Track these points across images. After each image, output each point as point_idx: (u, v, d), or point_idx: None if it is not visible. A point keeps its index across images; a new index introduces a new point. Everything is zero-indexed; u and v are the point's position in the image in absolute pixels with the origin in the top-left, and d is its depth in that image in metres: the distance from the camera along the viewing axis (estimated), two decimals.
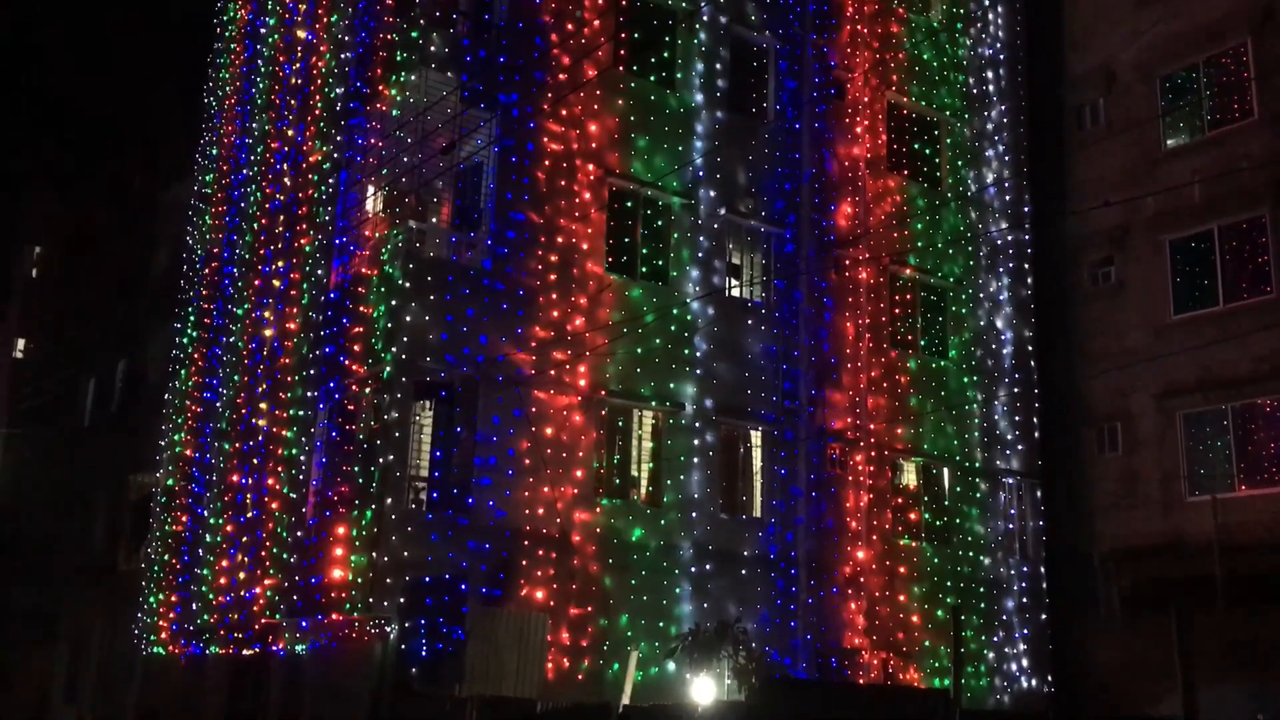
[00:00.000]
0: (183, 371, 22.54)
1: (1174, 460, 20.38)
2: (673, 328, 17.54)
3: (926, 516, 19.89)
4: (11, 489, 35.24)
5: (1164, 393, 20.61)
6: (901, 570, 19.03)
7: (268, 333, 18.90)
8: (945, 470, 20.26)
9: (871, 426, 19.09)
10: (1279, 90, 19.74)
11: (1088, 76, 22.74)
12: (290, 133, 19.54)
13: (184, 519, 20.95)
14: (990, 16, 22.77)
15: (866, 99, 20.28)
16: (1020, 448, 21.18)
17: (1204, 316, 20.34)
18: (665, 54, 18.58)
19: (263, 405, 18.50)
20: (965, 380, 20.80)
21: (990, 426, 20.90)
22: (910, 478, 20.03)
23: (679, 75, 18.59)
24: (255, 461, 18.31)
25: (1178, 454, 20.35)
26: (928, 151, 21.51)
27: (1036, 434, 21.47)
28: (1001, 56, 22.81)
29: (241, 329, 20.15)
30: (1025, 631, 20.38)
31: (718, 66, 18.96)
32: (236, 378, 19.96)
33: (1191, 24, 20.93)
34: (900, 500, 19.70)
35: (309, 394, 17.20)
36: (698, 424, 17.61)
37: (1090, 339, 21.99)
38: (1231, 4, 20.52)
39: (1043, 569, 20.96)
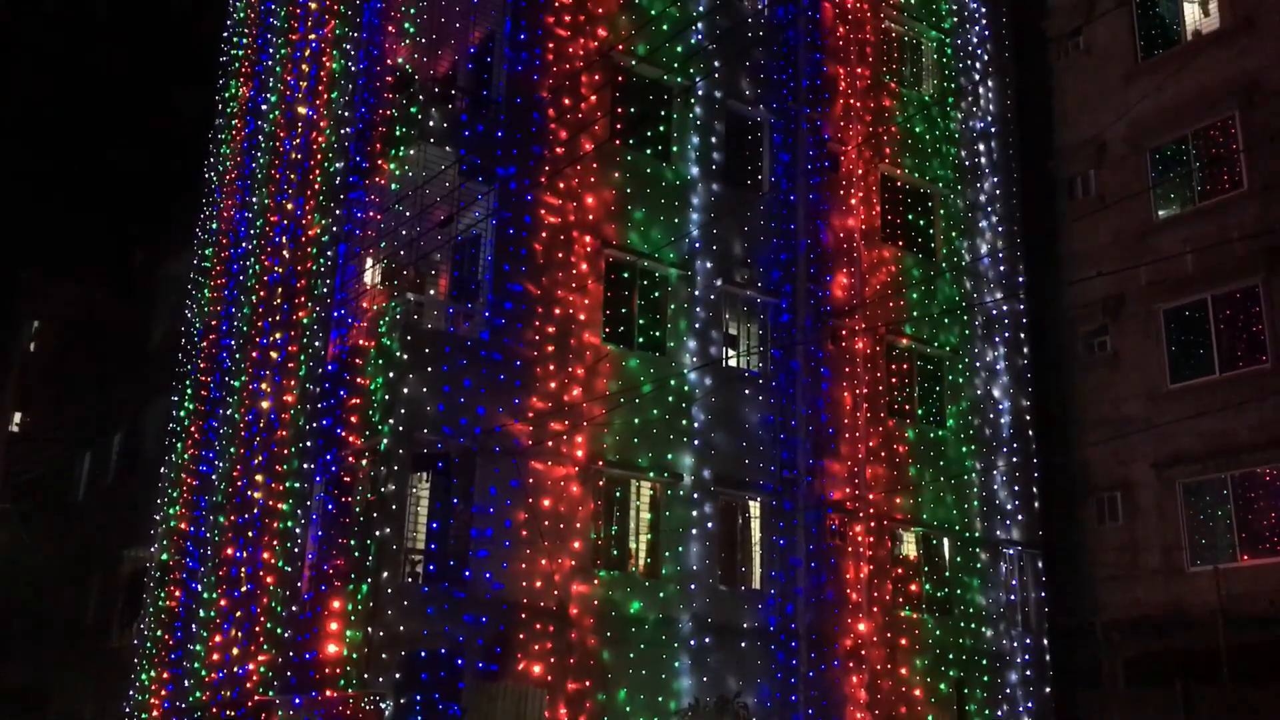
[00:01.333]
0: (179, 445, 22.48)
1: (1175, 530, 20.27)
2: (670, 398, 17.54)
3: (927, 588, 19.71)
4: (4, 564, 34.93)
5: (1163, 462, 20.56)
6: (903, 643, 18.81)
7: (265, 405, 18.88)
8: (945, 541, 20.13)
9: (870, 496, 19.00)
10: (1268, 161, 19.98)
11: (1079, 149, 23.04)
12: (290, 206, 19.71)
13: (177, 594, 20.73)
14: (981, 91, 23.13)
15: (860, 171, 20.51)
16: (1020, 517, 21.07)
17: (1201, 385, 20.37)
18: (661, 128, 18.82)
19: (259, 478, 18.41)
20: (964, 450, 20.76)
21: (990, 496, 20.81)
22: (910, 548, 19.88)
23: (675, 148, 18.82)
24: (250, 535, 18.18)
25: (1178, 523, 20.25)
26: (922, 222, 21.71)
27: (1036, 504, 21.38)
28: (993, 129, 23.12)
29: (238, 401, 20.13)
30: (1030, 705, 20.08)
31: (713, 140, 19.20)
32: (233, 450, 19.89)
33: (1179, 98, 21.25)
34: (900, 571, 19.55)
35: (305, 466, 17.13)
36: (696, 494, 17.52)
37: (1088, 408, 22.00)
38: (1218, 78, 20.85)
39: (1046, 640, 20.73)
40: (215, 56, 25.87)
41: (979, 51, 23.41)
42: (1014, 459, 21.31)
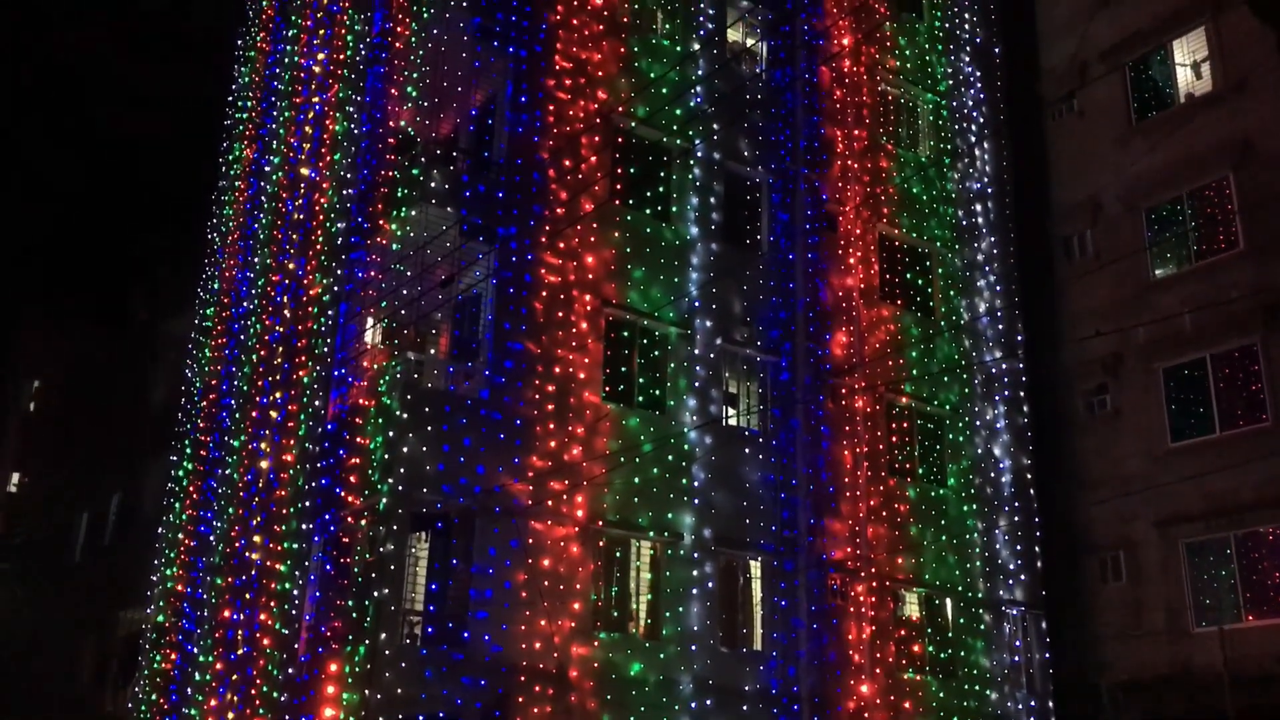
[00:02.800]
0: (177, 505, 22.40)
1: (1178, 589, 20.12)
2: (670, 457, 17.50)
3: (930, 649, 19.53)
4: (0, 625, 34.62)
5: (1165, 521, 20.47)
6: (906, 705, 18.59)
7: (264, 465, 18.84)
8: (948, 601, 19.98)
9: (872, 556, 18.89)
10: (1263, 221, 20.12)
11: (1074, 209, 23.22)
12: (291, 266, 19.83)
13: (173, 657, 20.53)
14: (977, 152, 23.37)
15: (858, 231, 20.66)
16: (1023, 577, 20.92)
17: (1201, 444, 20.34)
18: (661, 188, 18.98)
19: (256, 539, 18.32)
20: (965, 509, 20.68)
21: (992, 556, 20.68)
22: (913, 609, 19.73)
23: (674, 208, 18.96)
24: (248, 596, 18.04)
25: (1182, 583, 20.11)
26: (920, 281, 21.82)
27: (1039, 563, 21.24)
28: (990, 190, 23.33)
29: (238, 461, 20.09)
30: None
31: (712, 200, 19.36)
32: (231, 511, 19.82)
33: (1174, 159, 21.45)
34: (903, 632, 19.37)
35: (304, 526, 17.05)
36: (696, 554, 17.42)
37: (1089, 467, 21.95)
38: (1212, 139, 21.07)
39: (1050, 702, 20.47)
40: (220, 119, 26.18)
41: (974, 114, 23.69)
42: (1015, 518, 21.22)
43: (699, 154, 19.33)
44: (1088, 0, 23.72)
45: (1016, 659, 20.42)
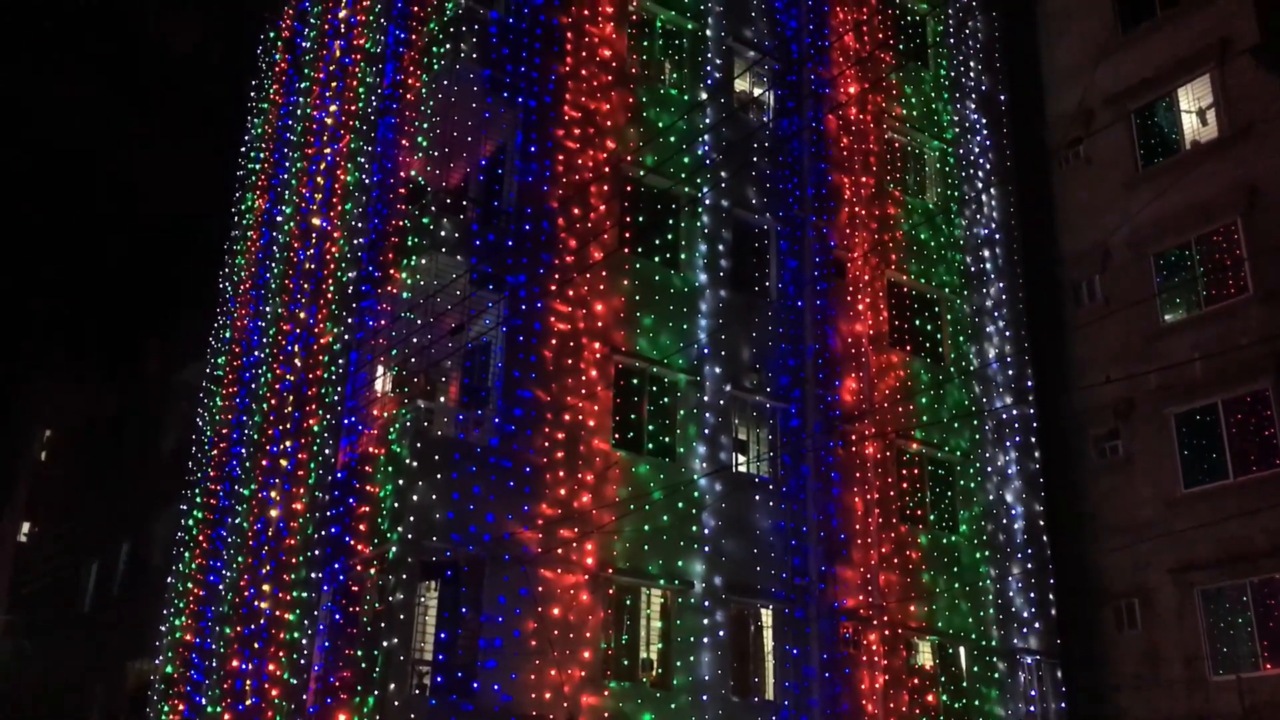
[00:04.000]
0: (186, 554, 22.36)
1: (1195, 637, 19.90)
2: (680, 504, 17.44)
3: (944, 699, 19.29)
4: (8, 676, 34.47)
5: (1180, 568, 20.28)
6: None
7: (273, 513, 18.83)
8: (961, 650, 19.78)
9: (884, 604, 18.74)
10: (1272, 266, 20.13)
11: (1083, 255, 23.25)
12: (302, 315, 19.94)
13: (181, 708, 20.40)
14: (984, 198, 23.47)
15: (867, 277, 20.71)
16: (1037, 625, 20.72)
17: (1215, 490, 20.21)
18: (669, 236, 19.09)
19: (266, 588, 18.27)
20: (977, 556, 20.53)
21: (1006, 604, 20.50)
22: (926, 658, 19.53)
23: (683, 256, 19.05)
24: (256, 646, 17.96)
25: (1198, 631, 19.89)
26: (929, 327, 21.83)
27: (1053, 611, 21.04)
28: (997, 236, 23.40)
29: (247, 510, 20.08)
30: None
31: (720, 247, 19.44)
32: (240, 560, 19.78)
33: (1181, 205, 21.50)
34: (916, 681, 19.15)
35: (313, 576, 17.00)
36: (707, 603, 17.30)
37: (1102, 513, 21.80)
38: (1218, 185, 21.12)
39: None
40: (233, 170, 26.45)
41: (981, 161, 23.82)
42: (1029, 565, 21.06)
43: (707, 202, 19.45)
44: (1091, 49, 23.91)
45: (1032, 708, 20.17)
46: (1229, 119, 21.39)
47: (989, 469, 21.32)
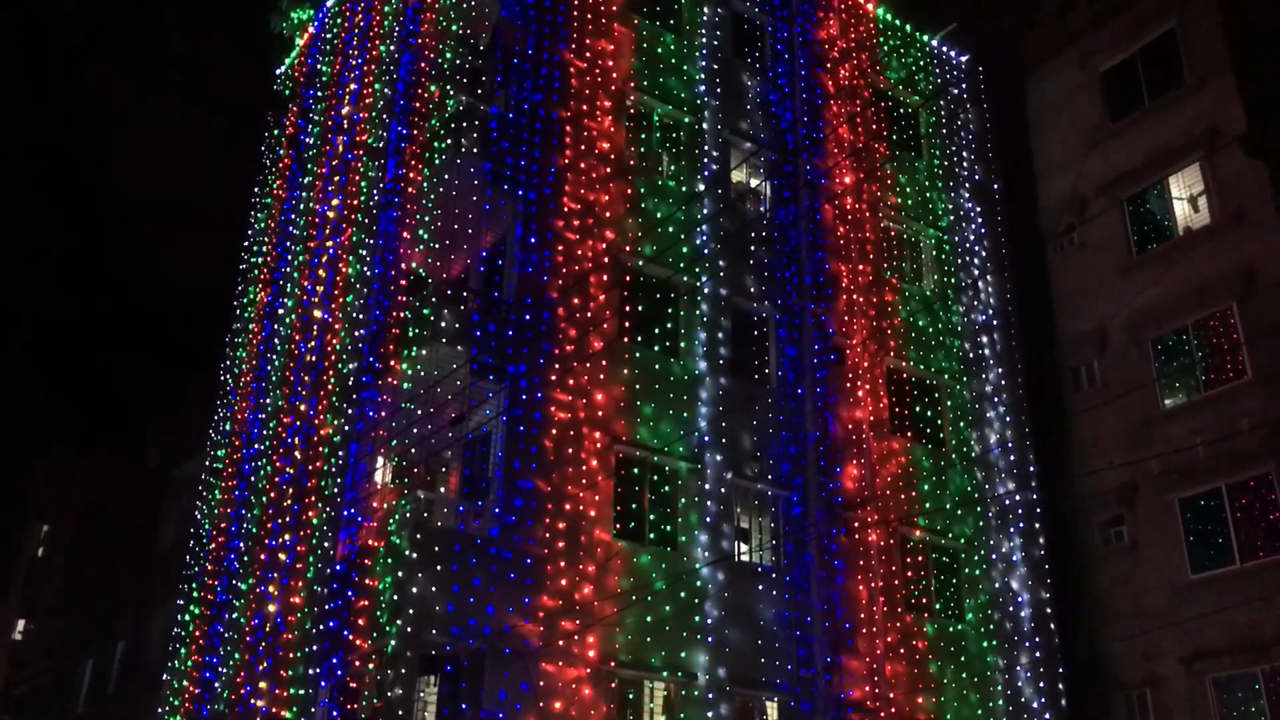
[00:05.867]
0: (182, 650, 22.04)
1: None
2: (683, 595, 17.26)
3: None
4: None
5: (1191, 656, 19.97)
6: None
7: (271, 608, 18.61)
8: None
9: (891, 695, 18.43)
10: (1270, 350, 20.19)
11: (1080, 340, 23.34)
12: (303, 407, 19.94)
13: None
14: (981, 285, 23.65)
15: (866, 364, 20.78)
16: (1047, 716, 20.33)
17: (1222, 576, 20.00)
18: (669, 325, 19.20)
19: (262, 684, 17.97)
20: (985, 645, 20.24)
21: (1015, 694, 20.15)
22: None
23: (682, 344, 19.13)
24: None
25: None
26: (929, 414, 21.83)
27: (1063, 701, 20.66)
28: (995, 322, 23.52)
29: (245, 605, 19.85)
30: None
31: (720, 335, 19.53)
32: (237, 656, 19.49)
33: (1176, 290, 21.65)
34: None
35: (311, 672, 16.74)
36: (711, 695, 17.01)
37: (1109, 600, 21.54)
38: (1213, 270, 21.28)
39: None
40: (236, 263, 26.69)
41: (976, 248, 24.06)
42: (1037, 654, 20.75)
43: (706, 291, 19.59)
44: (1082, 137, 24.31)
45: None
46: (1220, 205, 21.65)
47: (994, 556, 21.14)
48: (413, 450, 16.84)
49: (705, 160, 20.68)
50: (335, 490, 17.79)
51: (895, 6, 25.39)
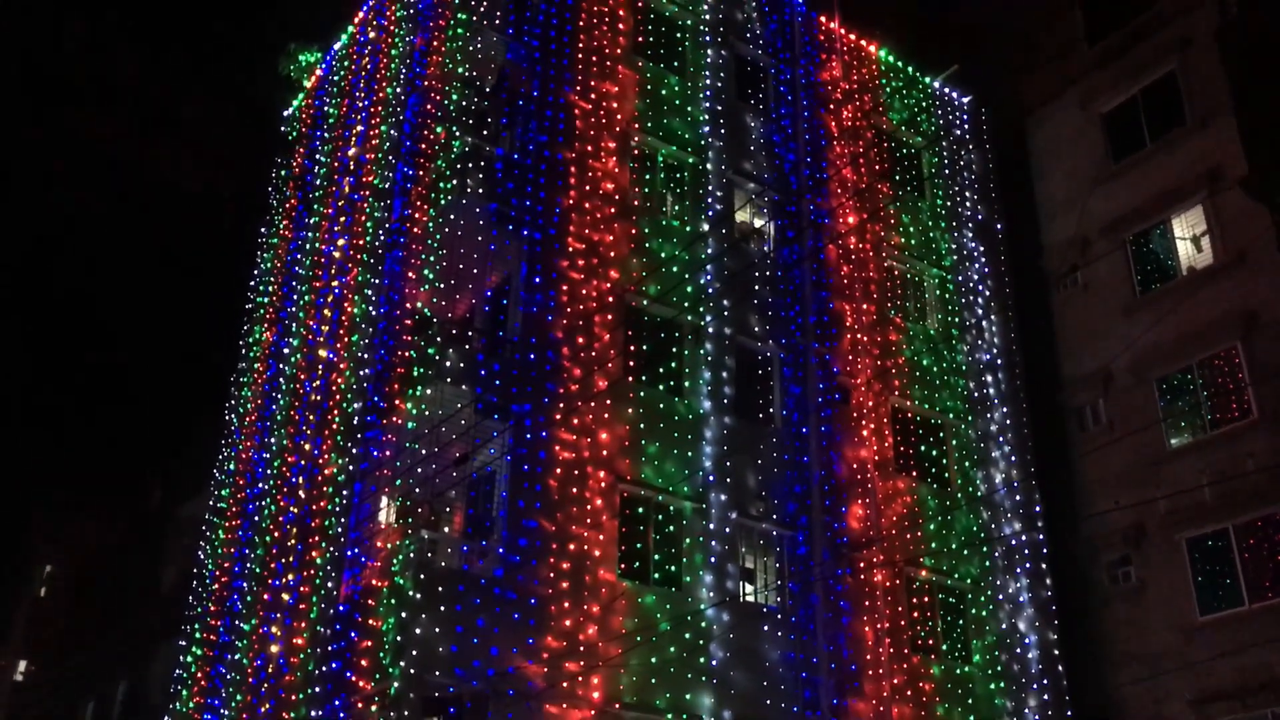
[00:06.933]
0: (184, 692, 21.89)
1: None
2: (687, 635, 17.15)
3: None
4: None
5: (1201, 699, 19.77)
6: None
7: (274, 649, 18.51)
8: None
9: None
10: (1275, 390, 20.15)
11: (1085, 379, 23.31)
12: (307, 447, 19.94)
13: None
14: (985, 325, 23.68)
15: (870, 403, 20.76)
16: None
17: (1231, 617, 19.84)
18: (673, 364, 19.21)
19: None
20: (992, 687, 20.06)
21: None
22: None
23: (687, 384, 19.14)
24: None
25: None
26: (935, 453, 21.78)
27: None
28: (999, 361, 23.52)
29: (248, 646, 19.74)
30: None
31: (724, 375, 19.54)
32: (239, 698, 19.35)
33: (1180, 330, 21.64)
34: None
35: (313, 713, 16.62)
36: None
37: (1117, 642, 21.37)
38: (1216, 310, 21.28)
39: None
40: (242, 303, 26.79)
41: (980, 288, 24.11)
42: (1045, 696, 20.56)
43: (710, 330, 19.63)
44: (1084, 178, 24.41)
45: None
46: (1224, 246, 21.69)
47: (1000, 597, 21.00)
48: (417, 490, 16.81)
49: (709, 200, 20.79)
50: (339, 530, 17.74)
51: (897, 48, 25.62)
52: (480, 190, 18.43)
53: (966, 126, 26.08)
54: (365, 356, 18.84)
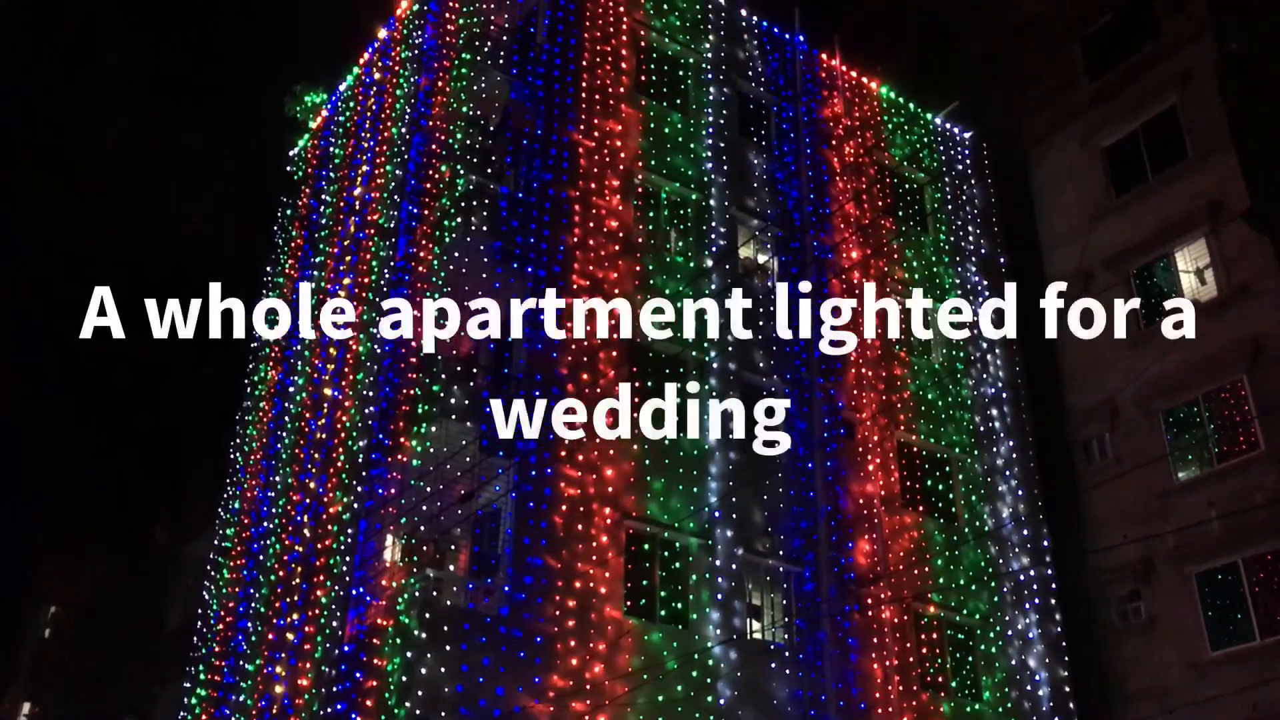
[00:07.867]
0: None
1: None
2: (694, 673, 17.02)
3: None
4: None
5: None
6: None
7: (278, 689, 18.39)
8: None
9: None
10: None
11: (1091, 412, 23.24)
12: (312, 485, 19.91)
13: None
14: (989, 359, 23.66)
15: (876, 438, 20.72)
16: None
17: (1242, 653, 19.65)
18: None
19: None
20: None
21: None
22: None
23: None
24: None
25: None
26: (941, 487, 21.70)
27: None
28: (1004, 395, 23.47)
29: (252, 686, 19.62)
30: None
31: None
32: None
33: (1186, 362, 21.59)
34: None
35: None
36: None
37: (1128, 678, 21.17)
38: (1222, 343, 21.24)
39: None
40: (247, 342, 26.85)
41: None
42: None
43: (714, 365, 19.63)
44: (1087, 211, 24.47)
45: None
46: (1227, 278, 21.69)
47: (1009, 633, 20.84)
48: (422, 528, 16.77)
49: (713, 236, 20.86)
50: (344, 569, 17.67)
51: (899, 85, 25.79)
52: (485, 228, 18.52)
53: (968, 161, 26.19)
54: (370, 394, 18.85)
